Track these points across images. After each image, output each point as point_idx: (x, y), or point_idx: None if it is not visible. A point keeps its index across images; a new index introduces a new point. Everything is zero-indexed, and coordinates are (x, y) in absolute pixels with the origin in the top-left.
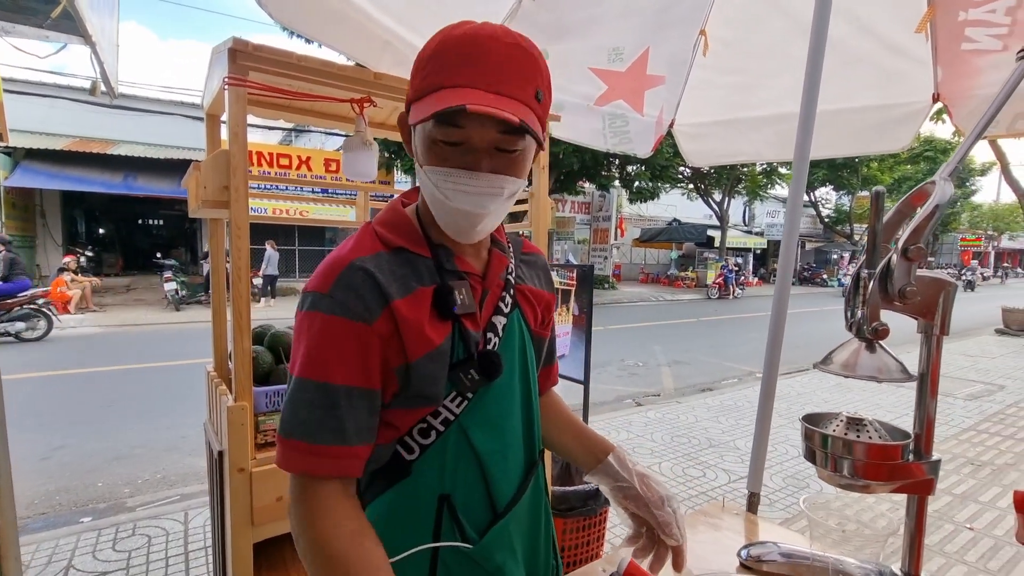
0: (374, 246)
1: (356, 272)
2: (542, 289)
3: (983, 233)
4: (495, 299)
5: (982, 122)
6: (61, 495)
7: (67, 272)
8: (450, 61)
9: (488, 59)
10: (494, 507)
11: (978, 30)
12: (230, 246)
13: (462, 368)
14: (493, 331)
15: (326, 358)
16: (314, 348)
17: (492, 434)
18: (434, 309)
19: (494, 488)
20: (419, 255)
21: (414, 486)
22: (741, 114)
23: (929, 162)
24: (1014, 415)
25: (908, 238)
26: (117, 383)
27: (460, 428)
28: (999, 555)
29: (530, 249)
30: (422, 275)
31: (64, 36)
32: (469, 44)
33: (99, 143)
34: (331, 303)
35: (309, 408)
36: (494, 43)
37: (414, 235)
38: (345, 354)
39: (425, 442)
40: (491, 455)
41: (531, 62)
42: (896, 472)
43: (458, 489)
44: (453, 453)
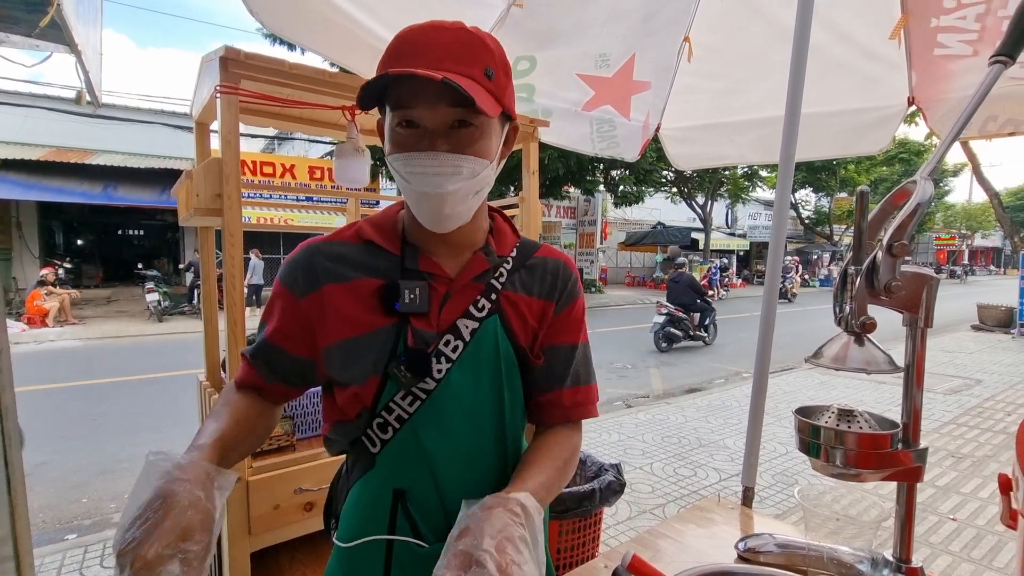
0: (349, 237)
1: (306, 253)
2: (540, 297)
3: (957, 232)
4: (465, 302)
5: (959, 123)
6: (45, 512)
7: (44, 285)
8: (398, 51)
9: (432, 44)
10: (447, 515)
11: (950, 36)
12: (223, 254)
13: (396, 363)
14: (455, 334)
15: (268, 311)
16: (268, 302)
17: (444, 436)
18: (379, 302)
19: (445, 492)
20: (387, 251)
21: (377, 478)
22: (725, 118)
23: (904, 164)
24: (991, 408)
25: (892, 235)
26: (100, 397)
27: (412, 427)
28: (982, 544)
29: (546, 253)
30: (379, 269)
31: (51, 45)
32: (416, 34)
33: (77, 153)
34: (283, 270)
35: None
36: (440, 31)
37: (390, 233)
38: (274, 311)
39: (384, 437)
40: (444, 459)
41: (478, 43)
42: (886, 460)
43: (413, 486)
44: (406, 450)
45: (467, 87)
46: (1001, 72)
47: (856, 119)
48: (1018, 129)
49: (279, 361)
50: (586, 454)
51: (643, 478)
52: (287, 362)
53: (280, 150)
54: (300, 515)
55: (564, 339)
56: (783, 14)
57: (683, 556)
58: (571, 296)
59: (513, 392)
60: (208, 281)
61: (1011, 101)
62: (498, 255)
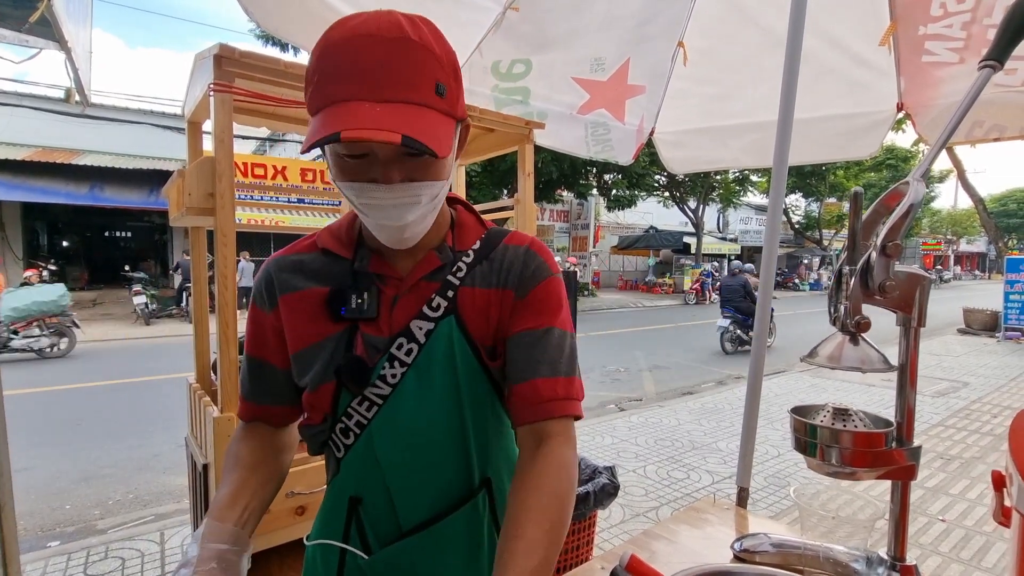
0: (305, 247)
1: (266, 268)
2: (499, 287)
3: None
4: (419, 302)
5: (951, 124)
6: (26, 519)
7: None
8: (331, 73)
9: (368, 65)
10: (400, 525)
11: (937, 43)
12: (215, 254)
13: (340, 372)
14: (408, 336)
15: (246, 334)
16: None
17: (398, 445)
18: (326, 309)
19: (398, 503)
20: (340, 256)
21: (339, 483)
22: (718, 122)
23: (891, 169)
24: (978, 410)
25: (886, 235)
26: (85, 401)
27: (368, 435)
28: (970, 544)
29: (511, 241)
30: (331, 276)
31: (41, 41)
32: (347, 50)
33: (63, 153)
34: (253, 290)
35: (242, 371)
36: (374, 45)
37: (345, 238)
38: (251, 332)
39: (347, 442)
40: (396, 467)
41: (422, 55)
42: (880, 459)
43: (367, 495)
44: (362, 457)
45: (410, 120)
46: (990, 76)
47: (847, 124)
48: (1003, 135)
49: (269, 379)
50: (580, 457)
51: (637, 481)
52: (277, 377)
53: (272, 152)
54: (292, 519)
55: (532, 323)
56: (775, 21)
57: (678, 557)
58: (536, 278)
59: (474, 394)
60: (199, 282)
61: (996, 107)
62: (458, 249)
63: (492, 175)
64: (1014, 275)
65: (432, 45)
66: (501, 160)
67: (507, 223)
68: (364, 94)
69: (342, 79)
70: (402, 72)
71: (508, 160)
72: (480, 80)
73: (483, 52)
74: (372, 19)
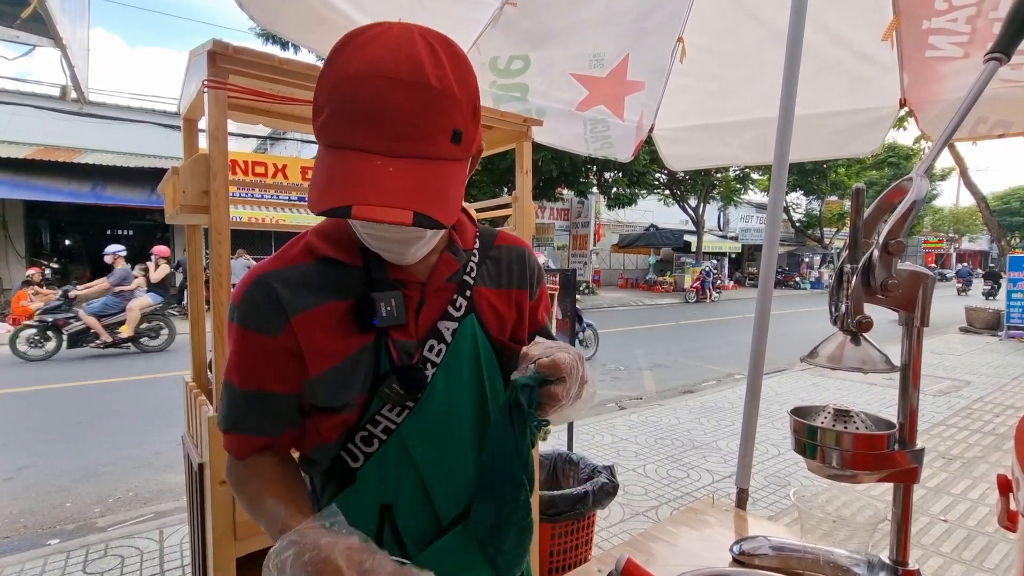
0: (299, 257)
1: (260, 287)
2: (511, 288)
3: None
4: (442, 304)
5: (956, 118)
6: (26, 516)
7: (31, 285)
8: (346, 114)
9: (388, 114)
10: (439, 522)
11: (941, 38)
12: (210, 252)
13: (385, 381)
14: (437, 337)
15: (235, 364)
16: (231, 354)
17: (433, 444)
18: (354, 321)
19: (437, 502)
20: (348, 264)
21: (359, 494)
22: (718, 119)
23: (893, 167)
24: (980, 410)
25: (888, 233)
26: (85, 399)
27: (400, 437)
28: (972, 545)
29: (505, 241)
30: (345, 286)
31: (35, 38)
32: (367, 93)
33: (65, 151)
34: (239, 315)
35: (228, 405)
36: (393, 91)
37: (346, 243)
38: (248, 362)
39: (368, 450)
40: (432, 466)
41: (441, 103)
42: (882, 461)
43: (401, 500)
44: (394, 463)
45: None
46: (996, 69)
47: (848, 120)
48: (1007, 131)
49: (275, 409)
50: (579, 456)
51: (636, 480)
52: (284, 405)
53: (272, 151)
54: None
55: (542, 317)
56: (776, 16)
57: (677, 559)
58: (540, 280)
59: (493, 385)
60: (195, 281)
61: (1001, 103)
62: (464, 248)
63: (491, 173)
64: (1017, 273)
65: (453, 88)
66: (501, 158)
67: (506, 221)
68: (379, 147)
69: (358, 124)
70: (421, 125)
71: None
72: (478, 76)
73: (481, 48)
74: (392, 52)
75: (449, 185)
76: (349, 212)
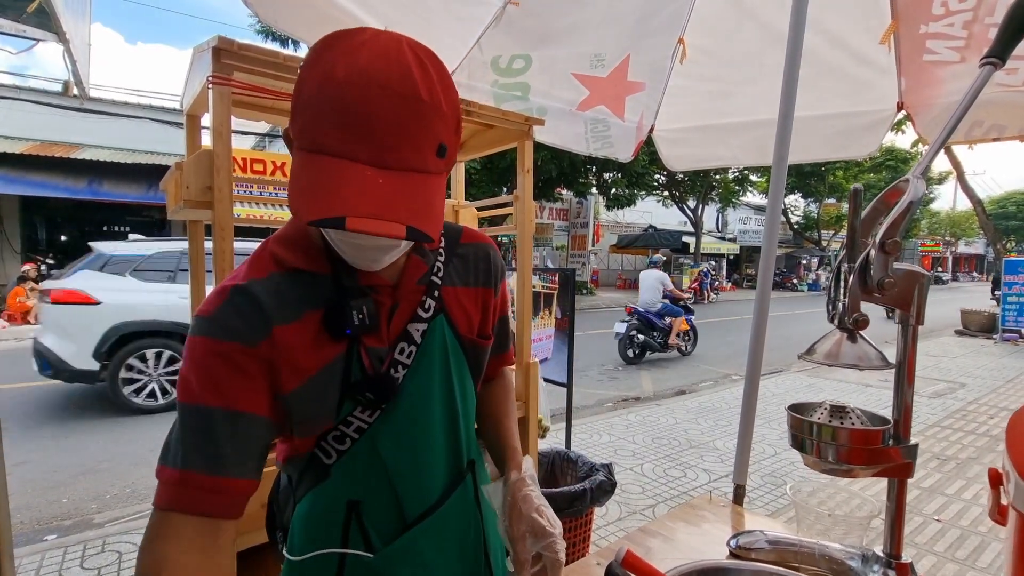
0: (267, 267)
1: (239, 296)
2: (478, 286)
3: (941, 239)
4: (412, 306)
5: (952, 121)
6: (23, 512)
7: (27, 281)
8: (334, 117)
9: (375, 124)
10: (404, 518)
11: (938, 42)
12: (213, 248)
13: (357, 389)
14: (407, 340)
15: (205, 380)
16: (194, 371)
17: (402, 443)
18: (326, 331)
19: (404, 499)
20: (316, 273)
21: (330, 489)
22: (718, 120)
23: (891, 171)
24: (974, 411)
25: (885, 233)
26: (81, 395)
27: (370, 438)
28: (966, 544)
29: (470, 239)
30: (316, 296)
31: (39, 32)
32: (357, 100)
33: (62, 147)
34: (212, 326)
35: (184, 432)
36: (383, 100)
37: (312, 251)
38: (224, 375)
39: (341, 448)
40: (400, 465)
41: (430, 117)
42: (877, 456)
43: (368, 497)
44: (363, 461)
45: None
46: (992, 73)
47: (847, 123)
48: (1002, 135)
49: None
50: (577, 454)
51: (633, 479)
52: (256, 432)
53: (271, 148)
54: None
55: (503, 311)
56: (776, 18)
57: (674, 554)
58: (501, 276)
59: (462, 382)
60: (197, 278)
61: (996, 107)
62: (429, 249)
63: (491, 172)
64: (1012, 277)
65: (441, 103)
66: (500, 157)
67: (506, 220)
68: (366, 157)
69: (346, 131)
70: (409, 138)
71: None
72: (480, 76)
73: (483, 47)
74: (382, 61)
75: (435, 198)
76: (343, 223)
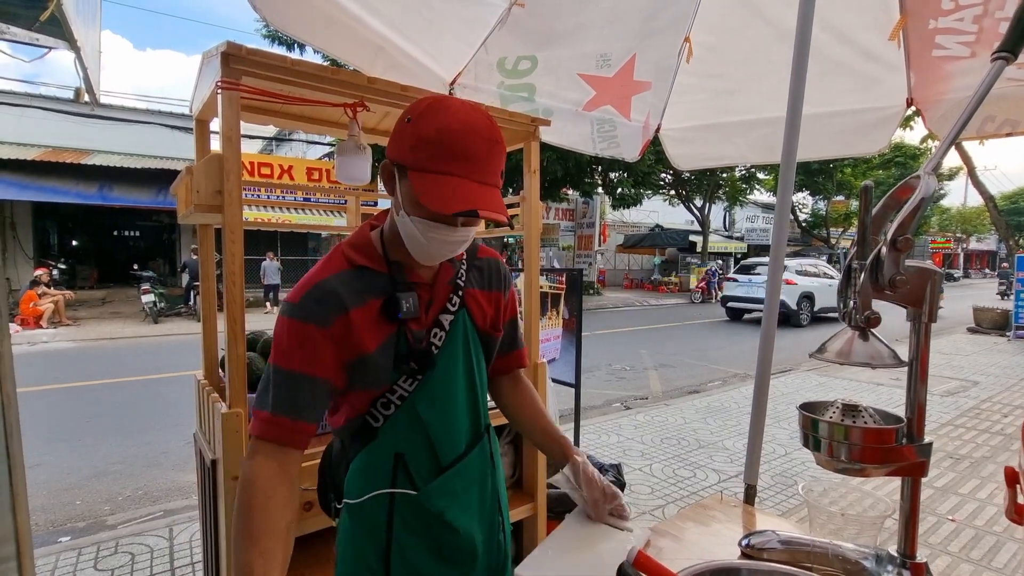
0: (340, 265)
1: (322, 289)
2: (492, 290)
3: (952, 236)
4: (443, 301)
5: (963, 116)
6: (37, 514)
7: (39, 285)
8: (449, 153)
9: (476, 156)
10: (439, 464)
11: (948, 37)
12: (223, 251)
13: (403, 360)
14: (439, 327)
15: (290, 351)
16: (283, 343)
17: (435, 407)
18: (383, 315)
19: (439, 449)
20: (377, 271)
21: (379, 446)
22: (725, 118)
23: (900, 167)
24: (988, 410)
25: (896, 230)
26: (94, 398)
27: (411, 403)
28: (980, 544)
29: (484, 253)
30: (376, 288)
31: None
32: (463, 140)
33: (73, 153)
34: (299, 311)
35: (275, 387)
36: (480, 140)
37: (374, 255)
38: (305, 348)
39: (387, 413)
40: (434, 424)
41: (501, 152)
42: (890, 455)
43: (410, 449)
44: (405, 422)
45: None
46: (1003, 68)
47: (855, 119)
48: (1015, 130)
49: (315, 394)
50: (586, 454)
51: (642, 479)
52: (323, 391)
53: (278, 151)
54: (299, 515)
55: (512, 314)
56: (783, 15)
57: (685, 554)
58: (509, 283)
59: (479, 363)
60: (207, 279)
61: (1008, 102)
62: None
63: None
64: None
65: (503, 143)
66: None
67: (513, 221)
68: (472, 175)
69: (460, 161)
70: (493, 164)
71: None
72: (486, 77)
73: (489, 49)
74: (474, 117)
75: (502, 202)
76: (477, 213)
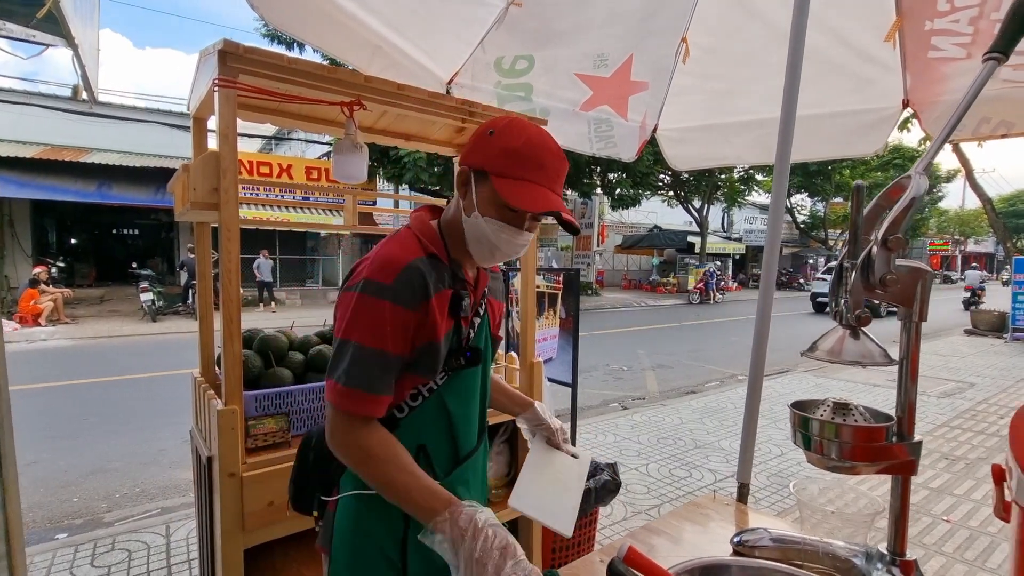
0: (417, 250)
1: (413, 270)
2: (499, 299)
3: (950, 238)
4: (477, 304)
5: (954, 117)
6: (34, 511)
7: (37, 284)
8: (533, 162)
9: (552, 167)
10: (458, 456)
11: (944, 39)
12: (219, 249)
13: (454, 354)
14: (473, 328)
15: (383, 333)
16: (376, 325)
17: (461, 402)
18: (449, 307)
19: (459, 441)
20: (443, 263)
21: (400, 436)
22: (722, 119)
23: (898, 169)
24: (984, 411)
25: (887, 229)
26: (92, 396)
27: (440, 396)
28: (975, 545)
29: (493, 268)
30: (444, 279)
31: (49, 38)
32: (543, 153)
33: (72, 151)
34: (391, 292)
35: (351, 361)
36: (554, 156)
37: (440, 247)
38: (397, 331)
39: (413, 404)
40: (459, 417)
41: (566, 167)
42: (881, 453)
43: (432, 441)
44: (432, 414)
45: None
46: (995, 69)
47: (852, 121)
48: (1010, 131)
49: (395, 373)
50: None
51: (639, 479)
52: (398, 370)
53: (277, 151)
54: (295, 512)
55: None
56: (779, 16)
57: (678, 551)
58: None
59: (487, 363)
60: (204, 277)
61: (1004, 103)
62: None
63: None
64: (1023, 276)
65: (567, 160)
66: None
67: None
68: (547, 184)
69: (538, 169)
70: (561, 175)
71: None
72: (483, 77)
73: (486, 48)
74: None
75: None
76: (560, 215)
